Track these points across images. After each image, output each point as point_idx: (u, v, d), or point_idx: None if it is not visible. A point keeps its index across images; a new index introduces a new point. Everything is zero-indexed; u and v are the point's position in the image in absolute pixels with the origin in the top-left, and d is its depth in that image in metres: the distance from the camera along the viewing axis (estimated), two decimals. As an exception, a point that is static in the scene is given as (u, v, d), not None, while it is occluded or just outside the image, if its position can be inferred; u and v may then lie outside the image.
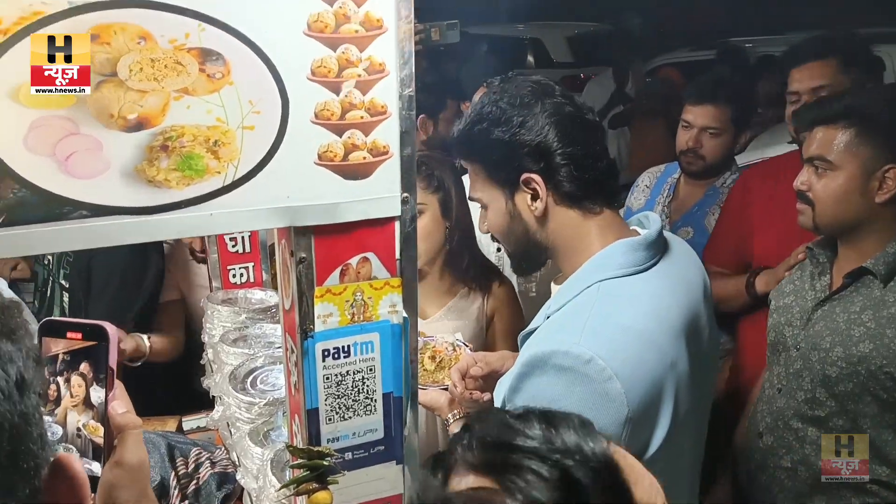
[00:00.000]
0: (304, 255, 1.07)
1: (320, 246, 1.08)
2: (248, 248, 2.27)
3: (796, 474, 1.70)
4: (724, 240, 2.31)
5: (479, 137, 1.33)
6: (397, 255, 1.14)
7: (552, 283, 1.44)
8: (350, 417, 1.19)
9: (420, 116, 2.71)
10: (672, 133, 2.65)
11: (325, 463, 1.16)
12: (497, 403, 1.33)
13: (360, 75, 1.02)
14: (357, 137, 1.04)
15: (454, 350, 1.77)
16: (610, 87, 5.77)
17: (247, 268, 2.30)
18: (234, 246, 2.25)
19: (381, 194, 1.08)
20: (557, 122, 1.28)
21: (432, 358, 1.74)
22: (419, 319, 2.01)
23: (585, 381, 1.14)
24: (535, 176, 1.29)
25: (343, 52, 1.00)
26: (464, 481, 0.69)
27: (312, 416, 1.16)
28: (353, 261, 1.11)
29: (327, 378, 1.15)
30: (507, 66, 5.71)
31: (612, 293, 1.24)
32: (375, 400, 1.20)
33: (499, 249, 2.32)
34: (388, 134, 1.06)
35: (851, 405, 1.60)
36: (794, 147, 2.19)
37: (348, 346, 1.15)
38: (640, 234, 1.32)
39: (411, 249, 1.14)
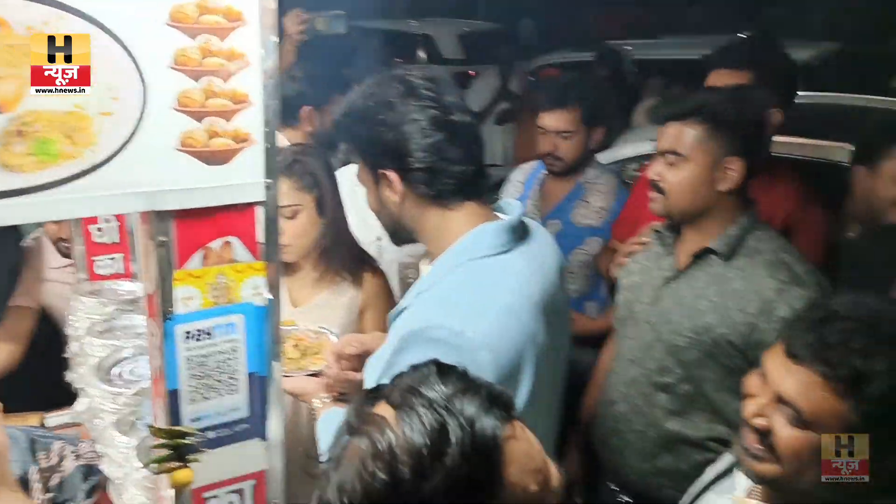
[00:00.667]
0: (163, 239, 1.10)
1: (181, 229, 1.11)
2: (116, 239, 2.22)
3: (646, 436, 1.87)
4: (628, 215, 2.47)
5: (348, 128, 1.40)
6: (260, 240, 1.18)
7: (420, 265, 1.52)
8: (213, 397, 1.22)
9: (305, 108, 2.72)
10: None
11: (185, 442, 1.20)
12: (370, 383, 1.38)
13: (221, 65, 1.06)
14: (218, 125, 1.08)
15: (317, 337, 1.80)
16: (496, 84, 5.94)
17: (114, 258, 2.25)
18: (100, 236, 2.20)
19: (243, 180, 1.12)
20: (417, 126, 1.33)
21: (296, 346, 1.76)
22: (292, 308, 2.08)
23: (457, 352, 1.22)
24: (389, 173, 1.36)
25: (204, 42, 1.04)
26: (380, 408, 0.86)
27: (174, 396, 1.19)
28: (216, 244, 1.15)
29: (189, 359, 1.18)
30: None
31: (479, 272, 1.34)
32: (239, 380, 1.23)
33: (379, 238, 2.38)
34: (250, 122, 1.10)
35: (696, 371, 1.77)
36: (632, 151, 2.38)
37: (210, 328, 1.18)
38: (504, 219, 1.42)
39: (275, 234, 1.19)
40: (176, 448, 1.20)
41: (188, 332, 1.16)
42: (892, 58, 5.96)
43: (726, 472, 1.37)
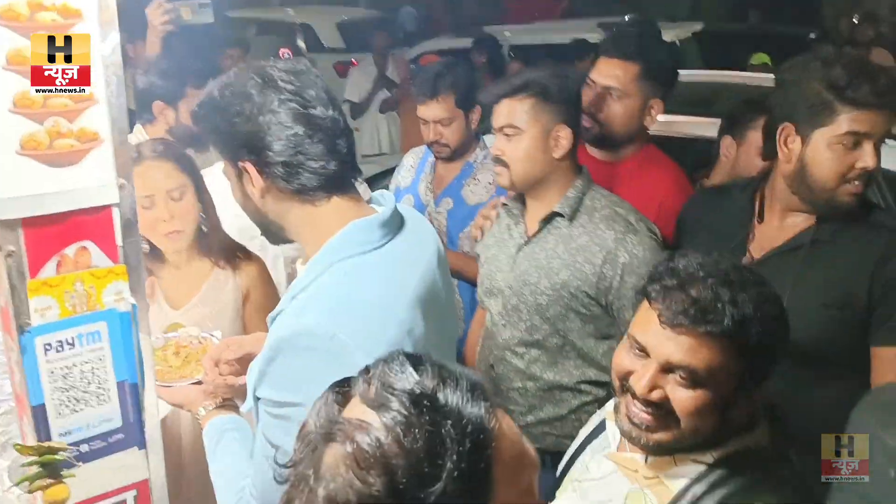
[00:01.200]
0: (12, 249, 1.05)
1: (31, 237, 1.06)
2: None
3: (526, 391, 2.01)
4: None
5: (205, 119, 1.35)
6: (119, 242, 1.14)
7: (297, 265, 1.49)
8: (82, 409, 1.17)
9: (158, 103, 2.63)
10: None
11: (56, 458, 1.15)
12: (249, 390, 1.35)
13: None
14: (62, 125, 1.03)
15: (200, 343, 1.75)
16: (372, 72, 5.93)
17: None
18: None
19: (93, 182, 1.08)
20: (275, 118, 1.29)
21: (176, 353, 1.71)
22: (172, 311, 2.01)
23: (330, 358, 1.20)
24: (248, 165, 1.31)
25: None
26: (356, 410, 0.78)
27: (39, 412, 1.14)
28: (70, 250, 1.10)
29: (52, 372, 1.13)
30: (273, 51, 5.67)
31: (351, 272, 1.31)
32: (108, 389, 1.19)
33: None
34: (96, 120, 1.06)
35: (561, 324, 1.95)
36: None
37: (72, 338, 1.13)
38: (377, 212, 1.39)
39: (134, 235, 1.15)
40: (47, 465, 1.15)
41: (48, 344, 1.11)
42: (749, 36, 6.33)
43: (597, 431, 1.43)
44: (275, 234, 1.42)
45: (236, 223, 2.03)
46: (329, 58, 7.93)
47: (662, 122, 2.37)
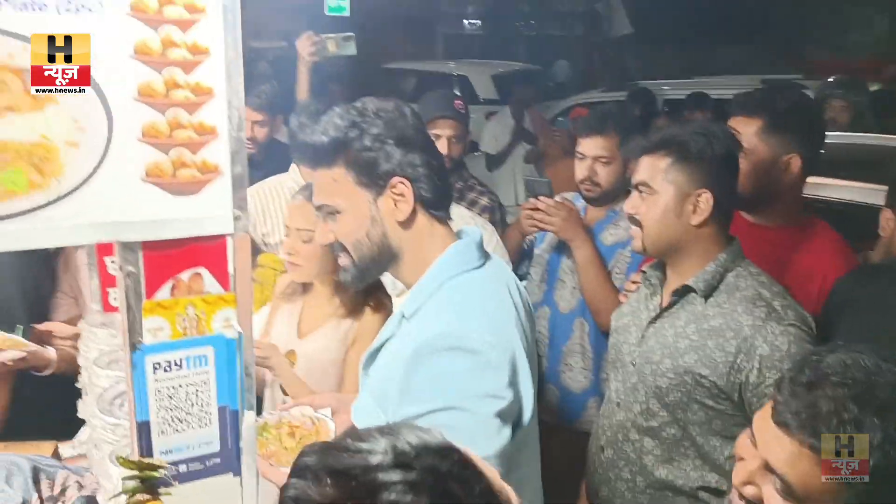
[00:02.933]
0: (131, 269, 1.10)
1: (149, 260, 1.11)
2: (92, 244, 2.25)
3: (635, 484, 1.81)
4: None
5: (353, 144, 1.43)
6: (231, 271, 1.18)
7: (396, 300, 1.61)
8: (184, 430, 1.21)
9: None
10: None
11: (155, 475, 1.18)
12: (371, 421, 1.40)
13: (186, 97, 1.07)
14: (185, 156, 1.09)
15: (313, 423, 1.72)
16: (509, 124, 5.96)
17: (128, 292, 2.28)
18: (115, 268, 2.23)
19: (211, 211, 1.13)
20: (418, 138, 1.45)
21: (291, 435, 1.68)
22: (297, 339, 2.09)
23: (472, 354, 1.33)
24: (402, 182, 1.43)
25: (169, 75, 1.05)
26: None
27: (143, 428, 1.18)
28: (185, 275, 1.15)
29: (158, 391, 1.17)
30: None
31: (464, 286, 1.44)
32: (210, 413, 1.22)
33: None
34: (217, 153, 1.11)
35: (681, 414, 1.73)
36: None
37: (180, 360, 1.17)
38: (469, 237, 1.52)
39: (246, 265, 1.19)
40: (146, 480, 1.19)
41: (157, 363, 1.16)
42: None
43: None
44: (379, 267, 1.51)
45: None
46: (483, 108, 8.11)
47: (819, 184, 2.21)
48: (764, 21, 10.47)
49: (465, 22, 14.67)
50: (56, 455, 2.27)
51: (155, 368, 1.16)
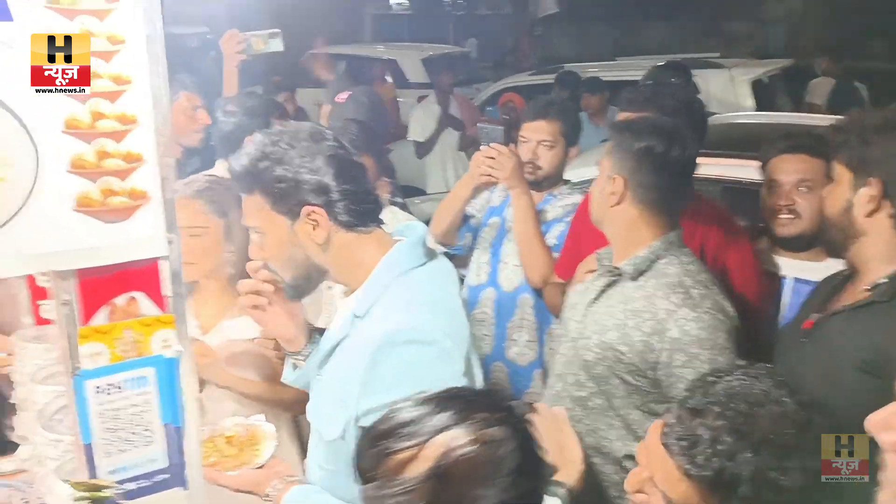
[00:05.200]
0: (66, 297, 1.12)
1: (85, 287, 1.13)
2: (24, 276, 2.20)
3: None
4: (568, 253, 2.53)
5: (264, 174, 1.45)
6: (166, 293, 1.20)
7: (338, 300, 1.67)
8: (129, 449, 1.23)
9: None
10: None
11: (103, 495, 1.21)
12: (336, 420, 1.47)
13: (112, 127, 1.08)
14: (114, 184, 1.10)
15: (247, 430, 1.75)
16: (436, 111, 5.95)
17: (60, 303, 2.25)
18: (45, 280, 2.19)
19: (142, 236, 1.14)
20: (333, 163, 1.46)
21: (229, 443, 1.70)
22: (200, 333, 2.11)
23: (429, 345, 1.41)
24: (317, 209, 1.45)
25: (95, 106, 1.07)
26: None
27: (88, 450, 1.20)
28: (120, 300, 1.17)
29: (101, 413, 1.19)
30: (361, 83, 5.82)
31: (411, 283, 1.49)
32: (154, 431, 1.25)
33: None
34: (146, 179, 1.13)
35: (605, 386, 1.83)
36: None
37: (121, 382, 1.20)
38: (412, 237, 1.56)
39: (181, 286, 1.21)
40: (96, 501, 1.22)
41: (98, 387, 1.18)
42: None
43: None
44: (311, 283, 1.55)
45: None
46: (413, 92, 8.10)
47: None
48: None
49: (393, 2, 14.55)
50: (-8, 470, 2.24)
51: (97, 391, 1.18)
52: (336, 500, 1.53)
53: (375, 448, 0.98)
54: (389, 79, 8.11)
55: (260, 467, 1.66)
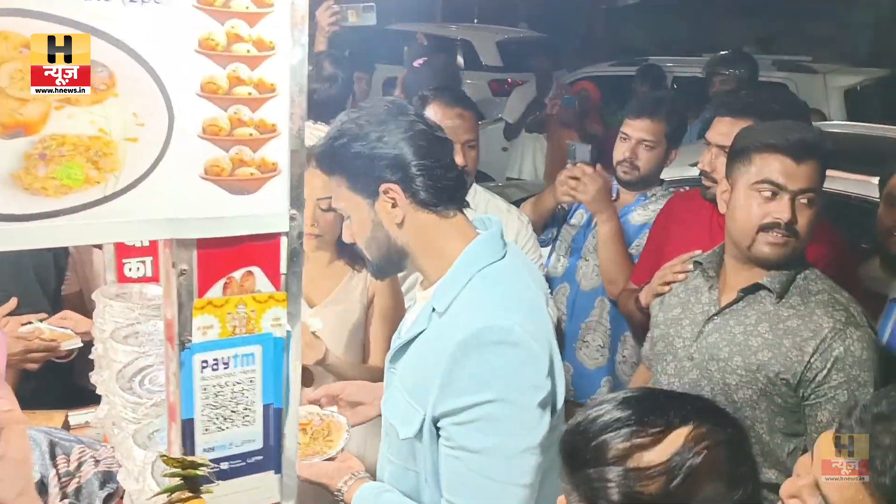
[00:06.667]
0: (185, 268, 1.07)
1: (203, 258, 1.08)
2: (146, 242, 2.20)
3: None
4: (647, 260, 2.45)
5: (341, 151, 1.44)
6: (283, 270, 1.15)
7: (417, 291, 1.59)
8: (228, 428, 1.19)
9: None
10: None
11: (198, 473, 1.17)
12: (412, 418, 1.43)
13: (249, 93, 1.03)
14: (245, 154, 1.05)
15: (322, 419, 1.75)
16: (531, 94, 5.88)
17: (144, 262, 2.22)
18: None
19: (267, 210, 1.09)
20: (411, 138, 1.42)
21: (303, 431, 1.70)
22: (307, 307, 2.07)
23: (516, 347, 1.35)
24: (393, 185, 1.42)
25: (233, 71, 1.01)
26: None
27: (188, 425, 1.16)
28: (237, 274, 1.12)
29: (205, 389, 1.15)
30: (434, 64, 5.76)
31: (496, 277, 1.44)
32: (255, 411, 1.21)
33: None
34: (277, 151, 1.08)
35: (748, 411, 1.74)
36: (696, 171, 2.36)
37: (228, 358, 1.15)
38: (490, 230, 1.51)
39: (297, 265, 1.16)
40: (188, 478, 1.18)
41: (205, 362, 1.14)
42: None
43: None
44: (394, 264, 1.52)
45: None
46: (486, 75, 8.00)
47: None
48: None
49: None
50: (66, 425, 2.26)
51: (203, 367, 1.14)
52: (406, 500, 1.49)
53: (598, 440, 0.99)
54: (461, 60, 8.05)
55: (331, 459, 1.63)
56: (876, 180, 2.59)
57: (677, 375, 1.86)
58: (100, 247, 2.41)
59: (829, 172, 2.62)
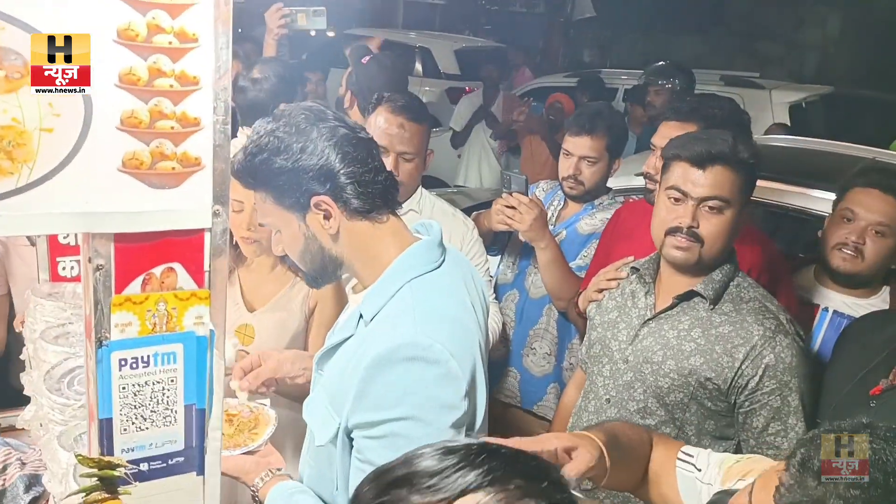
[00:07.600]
0: (101, 263, 1.05)
1: (121, 253, 1.06)
2: (64, 236, 2.14)
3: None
4: (596, 269, 2.45)
5: (262, 168, 1.37)
6: (206, 267, 1.13)
7: (350, 294, 1.56)
8: (148, 428, 1.17)
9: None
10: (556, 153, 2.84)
11: (114, 473, 1.14)
12: (328, 425, 1.40)
13: (171, 86, 1.01)
14: (166, 147, 1.03)
15: (251, 412, 1.73)
16: (478, 103, 5.94)
17: (79, 261, 2.18)
18: (65, 237, 2.13)
19: (190, 205, 1.07)
20: (336, 144, 1.36)
21: (229, 421, 1.67)
22: (246, 311, 2.04)
23: (433, 365, 1.31)
24: (324, 198, 1.37)
25: (154, 63, 0.99)
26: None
27: (106, 425, 1.13)
28: (157, 270, 1.09)
29: (123, 388, 1.12)
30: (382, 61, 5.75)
31: (426, 288, 1.40)
32: (176, 411, 1.18)
33: None
34: (200, 146, 1.05)
35: (679, 413, 1.78)
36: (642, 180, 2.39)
37: (148, 357, 1.13)
38: (422, 238, 1.47)
39: (222, 261, 1.14)
40: (104, 479, 1.15)
41: (123, 360, 1.11)
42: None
43: None
44: (329, 274, 1.47)
45: None
46: (443, 83, 8.02)
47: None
48: (721, 15, 10.61)
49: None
50: (-7, 423, 2.19)
51: (121, 365, 1.11)
52: (319, 502, 1.47)
53: (386, 496, 0.83)
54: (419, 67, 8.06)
55: (251, 452, 1.61)
56: (816, 193, 2.67)
57: (612, 377, 1.89)
58: (33, 244, 2.35)
59: (769, 185, 2.72)
